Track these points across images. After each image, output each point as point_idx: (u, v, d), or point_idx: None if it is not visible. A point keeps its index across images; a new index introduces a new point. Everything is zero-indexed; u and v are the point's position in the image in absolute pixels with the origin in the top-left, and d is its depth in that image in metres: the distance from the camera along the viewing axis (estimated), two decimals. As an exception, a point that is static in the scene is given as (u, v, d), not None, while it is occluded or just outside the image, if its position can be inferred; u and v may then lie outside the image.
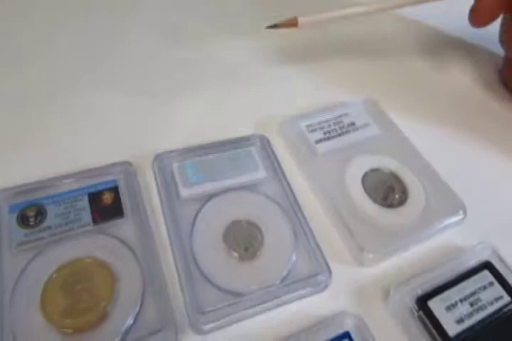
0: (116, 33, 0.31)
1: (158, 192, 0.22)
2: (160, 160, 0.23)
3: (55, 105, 0.25)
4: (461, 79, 0.32)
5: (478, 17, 0.27)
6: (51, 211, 0.20)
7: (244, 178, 0.22)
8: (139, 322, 0.17)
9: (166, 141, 0.24)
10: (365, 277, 0.20)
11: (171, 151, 0.23)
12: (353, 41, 0.33)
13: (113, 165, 0.22)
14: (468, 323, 0.19)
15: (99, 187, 0.21)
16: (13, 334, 0.16)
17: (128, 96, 0.26)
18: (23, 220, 0.20)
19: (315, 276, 0.19)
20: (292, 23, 0.24)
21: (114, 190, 0.21)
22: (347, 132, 0.26)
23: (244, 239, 0.20)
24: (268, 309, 0.18)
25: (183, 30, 0.32)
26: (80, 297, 0.17)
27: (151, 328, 0.17)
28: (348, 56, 0.32)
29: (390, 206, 0.22)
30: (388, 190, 0.23)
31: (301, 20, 0.24)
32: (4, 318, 0.17)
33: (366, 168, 0.24)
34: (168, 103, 0.27)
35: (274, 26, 0.25)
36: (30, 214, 0.20)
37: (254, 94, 0.28)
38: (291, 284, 0.19)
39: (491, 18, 0.27)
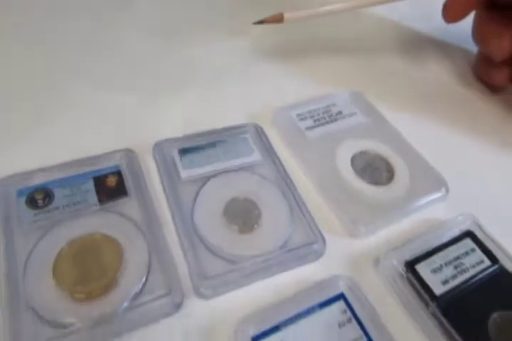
0: (112, 34, 0.32)
1: (160, 175, 0.23)
2: (160, 147, 0.24)
3: (59, 99, 0.27)
4: (438, 74, 0.34)
5: (450, 13, 0.29)
6: (58, 193, 0.21)
7: (240, 161, 0.24)
8: (146, 288, 0.18)
9: (164, 130, 0.25)
10: (356, 247, 0.22)
11: (170, 139, 0.24)
12: (335, 41, 0.36)
13: (115, 152, 0.23)
14: (452, 284, 0.20)
15: (103, 172, 0.23)
16: (28, 302, 0.17)
17: (126, 91, 0.28)
18: (31, 202, 0.21)
19: (310, 245, 0.20)
20: (278, 19, 0.26)
21: (118, 173, 0.23)
22: (335, 120, 0.27)
23: (242, 214, 0.21)
24: (267, 276, 0.20)
25: (175, 31, 0.33)
26: (89, 267, 0.18)
27: (158, 293, 0.18)
28: (331, 54, 0.34)
29: (378, 184, 0.24)
30: (375, 170, 0.25)
31: (286, 15, 0.26)
32: (19, 288, 0.17)
33: (354, 150, 0.26)
34: (163, 97, 0.28)
35: (261, 22, 0.27)
36: (38, 196, 0.21)
37: (245, 89, 0.30)
38: (288, 252, 0.20)
39: (462, 14, 0.29)
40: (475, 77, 0.34)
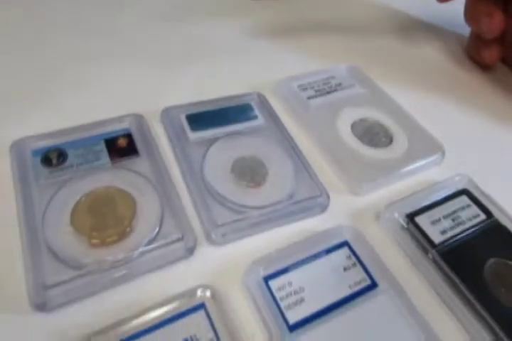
0: (124, 17, 0.33)
1: (168, 138, 0.24)
2: (168, 112, 0.25)
3: (73, 70, 0.28)
4: (432, 54, 0.35)
5: None
6: (71, 154, 0.22)
7: (245, 125, 0.25)
8: (160, 234, 0.19)
9: (172, 99, 0.26)
10: (358, 203, 0.23)
11: (177, 106, 0.25)
12: (334, 23, 0.37)
13: (125, 116, 0.24)
14: (450, 234, 0.21)
15: (114, 134, 0.23)
16: (48, 247, 0.18)
17: (136, 64, 0.29)
18: (46, 161, 0.21)
19: (315, 198, 0.21)
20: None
21: (128, 136, 0.23)
22: (335, 90, 0.29)
23: (249, 171, 0.22)
24: (275, 226, 0.21)
25: (180, 13, 0.35)
26: (105, 216, 0.19)
27: (171, 238, 0.19)
28: (329, 34, 0.35)
29: (377, 147, 0.25)
30: (375, 135, 0.26)
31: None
32: (39, 235, 0.18)
33: (354, 118, 0.27)
34: (170, 69, 0.29)
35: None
36: (52, 156, 0.22)
37: (247, 63, 0.31)
38: (294, 204, 0.21)
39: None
40: (467, 58, 0.35)
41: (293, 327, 0.17)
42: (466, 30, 0.34)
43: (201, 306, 0.17)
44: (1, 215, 0.19)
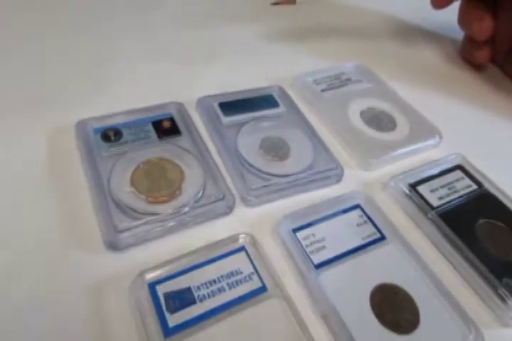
0: (155, 24, 0.38)
1: (204, 122, 0.28)
2: (202, 101, 0.29)
3: (124, 65, 0.32)
4: (429, 56, 0.40)
5: (436, 2, 0.35)
6: (125, 132, 0.26)
7: (269, 112, 0.29)
8: (204, 195, 0.23)
9: (204, 90, 0.30)
10: (367, 177, 0.27)
11: (210, 95, 0.29)
12: (340, 29, 0.41)
13: (167, 103, 0.28)
14: (447, 199, 0.25)
15: (159, 117, 0.27)
16: (115, 202, 0.22)
17: (173, 61, 0.33)
18: (105, 138, 0.25)
19: (332, 170, 0.25)
20: (291, 0, 0.31)
21: (171, 119, 0.27)
22: (345, 85, 0.33)
23: (274, 147, 0.26)
24: (297, 192, 0.24)
25: (206, 19, 0.39)
26: (159, 180, 0.23)
27: (214, 198, 0.23)
28: (337, 38, 0.39)
29: (383, 131, 0.29)
30: (380, 121, 0.30)
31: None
32: (106, 195, 0.22)
33: (362, 107, 0.31)
34: (201, 66, 0.33)
35: (276, 3, 0.32)
36: (110, 133, 0.26)
37: (267, 62, 0.35)
38: (314, 174, 0.25)
39: (447, 3, 0.35)
40: (461, 59, 0.40)
41: (317, 266, 0.21)
42: (459, 34, 0.39)
43: (242, 248, 0.21)
44: (73, 180, 0.23)
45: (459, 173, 0.27)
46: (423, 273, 0.21)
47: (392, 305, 0.20)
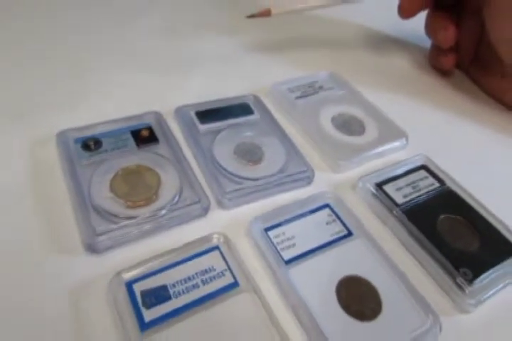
0: (133, 34, 0.39)
1: (181, 130, 0.29)
2: (180, 110, 0.30)
3: (101, 76, 0.34)
4: (399, 63, 0.42)
5: (403, 12, 0.37)
6: (105, 141, 0.27)
7: (244, 119, 0.30)
8: (181, 199, 0.24)
9: (181, 100, 0.31)
10: (337, 179, 0.28)
11: (187, 105, 0.31)
12: (313, 39, 0.43)
13: (146, 113, 0.30)
14: (411, 197, 0.26)
15: (138, 127, 0.29)
16: (94, 208, 0.23)
17: (151, 73, 0.35)
18: (85, 147, 0.27)
19: (303, 172, 0.27)
20: (266, 13, 0.33)
21: (149, 128, 0.29)
22: (317, 92, 0.34)
23: (248, 152, 0.28)
24: (270, 194, 0.26)
25: (182, 30, 0.41)
26: (137, 185, 0.24)
27: (189, 201, 0.24)
28: (311, 48, 0.41)
29: (353, 135, 0.31)
30: (350, 126, 0.32)
31: (273, 10, 0.33)
32: (86, 200, 0.23)
33: (333, 113, 0.32)
34: (178, 76, 0.35)
35: (252, 16, 0.34)
36: (90, 143, 0.27)
37: (241, 72, 0.36)
38: (286, 177, 0.26)
39: (414, 13, 0.37)
40: (429, 66, 0.42)
41: (287, 262, 0.22)
42: (427, 43, 0.41)
43: (216, 248, 0.22)
44: (54, 188, 0.24)
45: (423, 173, 0.28)
46: (386, 265, 0.22)
47: (357, 296, 0.21)
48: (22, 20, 0.39)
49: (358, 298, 0.21)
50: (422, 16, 0.38)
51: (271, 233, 0.23)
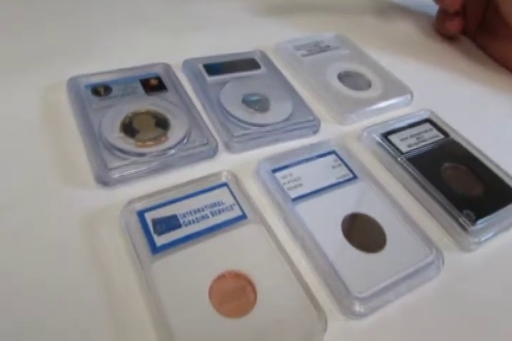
0: None
1: (189, 80, 0.30)
2: (188, 63, 0.31)
3: (117, 30, 0.34)
4: (405, 28, 0.42)
5: None
6: (115, 88, 0.27)
7: (251, 72, 0.31)
8: (189, 141, 0.24)
9: (189, 54, 0.32)
10: (343, 130, 0.29)
11: (195, 58, 0.31)
12: (318, 3, 0.43)
13: (155, 64, 0.30)
14: (415, 147, 0.27)
15: (146, 76, 0.29)
16: (105, 146, 0.23)
17: (161, 31, 0.35)
18: (95, 92, 0.27)
19: (309, 122, 0.27)
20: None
21: (158, 78, 0.29)
22: (324, 51, 0.35)
23: (256, 101, 0.28)
24: (277, 140, 0.26)
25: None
26: (146, 127, 0.25)
27: (198, 143, 0.24)
28: (320, 12, 0.41)
29: (360, 90, 0.31)
30: (356, 81, 0.32)
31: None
32: (97, 139, 0.23)
33: (340, 70, 0.33)
34: (188, 34, 0.35)
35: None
36: (100, 89, 0.27)
37: (250, 30, 0.37)
38: (292, 124, 0.27)
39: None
40: (435, 33, 0.42)
41: (294, 199, 0.22)
42: (433, 10, 0.41)
43: (225, 184, 0.22)
44: (66, 128, 0.25)
45: (427, 125, 0.29)
46: (391, 205, 0.23)
47: (362, 230, 0.21)
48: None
49: (362, 232, 0.21)
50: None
51: (278, 174, 0.24)
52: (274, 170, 0.24)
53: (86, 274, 0.19)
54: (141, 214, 0.20)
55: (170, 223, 0.20)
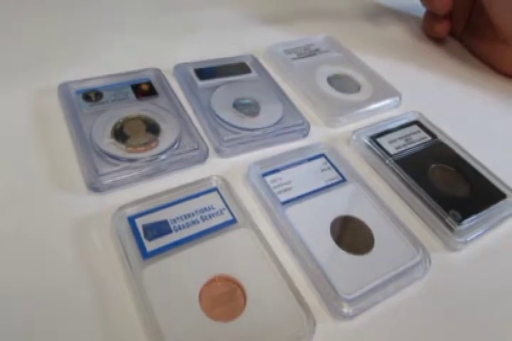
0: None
1: (180, 85, 0.30)
2: (179, 67, 0.31)
3: (107, 35, 0.34)
4: (394, 31, 0.42)
5: None
6: (106, 93, 0.28)
7: (241, 77, 0.31)
8: (180, 146, 0.25)
9: (181, 60, 0.32)
10: (333, 133, 0.29)
11: (186, 63, 0.31)
12: (308, 7, 0.43)
13: (146, 69, 0.30)
14: (403, 148, 0.27)
15: (137, 81, 0.29)
16: (96, 152, 0.23)
17: (151, 34, 0.35)
18: (86, 98, 0.27)
19: (298, 125, 0.27)
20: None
21: (149, 83, 0.29)
22: (314, 54, 0.35)
23: (246, 105, 0.28)
24: (266, 144, 0.27)
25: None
26: (136, 132, 0.25)
27: (189, 148, 0.24)
28: (305, 17, 0.42)
29: (349, 93, 0.31)
30: (346, 85, 0.32)
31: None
32: (88, 145, 0.24)
33: (329, 73, 0.33)
34: (178, 38, 0.35)
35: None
36: (91, 94, 0.27)
37: (239, 36, 0.37)
38: (282, 128, 0.27)
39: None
40: (423, 35, 0.42)
41: (284, 203, 0.23)
42: (421, 13, 0.41)
43: (215, 189, 0.23)
44: (56, 133, 0.25)
45: (415, 127, 0.29)
46: (378, 207, 0.23)
47: (350, 232, 0.22)
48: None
49: (351, 234, 0.22)
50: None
51: (268, 178, 0.24)
52: (264, 174, 0.24)
53: (77, 280, 0.19)
54: (131, 220, 0.20)
55: (160, 228, 0.20)
